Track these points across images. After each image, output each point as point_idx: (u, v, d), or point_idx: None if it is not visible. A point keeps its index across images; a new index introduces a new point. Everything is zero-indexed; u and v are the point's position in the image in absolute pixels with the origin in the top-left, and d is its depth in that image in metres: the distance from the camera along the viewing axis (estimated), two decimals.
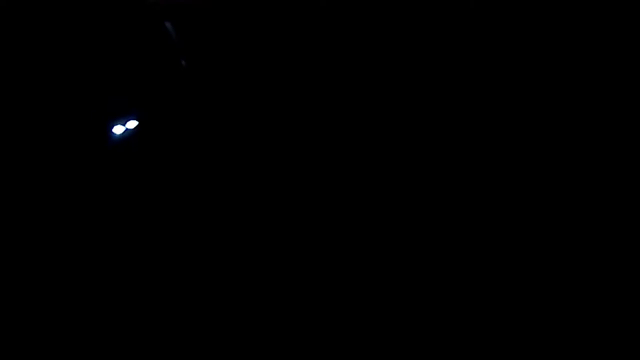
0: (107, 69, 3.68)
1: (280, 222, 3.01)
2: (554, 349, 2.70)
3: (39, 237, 3.01)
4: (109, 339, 2.63)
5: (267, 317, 2.72)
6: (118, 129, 3.26)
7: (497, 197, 3.21)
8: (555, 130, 3.41)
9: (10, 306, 2.74)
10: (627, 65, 3.47)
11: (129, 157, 3.24)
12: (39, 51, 3.42)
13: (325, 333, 2.71)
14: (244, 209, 3.04)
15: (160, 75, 3.50)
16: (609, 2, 3.54)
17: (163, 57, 3.53)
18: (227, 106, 3.47)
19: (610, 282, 2.95)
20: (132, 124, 3.29)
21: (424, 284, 2.92)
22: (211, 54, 3.67)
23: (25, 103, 3.33)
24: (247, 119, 3.42)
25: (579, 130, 3.41)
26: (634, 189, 3.28)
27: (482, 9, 3.56)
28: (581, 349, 2.70)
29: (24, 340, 2.57)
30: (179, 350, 2.61)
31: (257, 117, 3.42)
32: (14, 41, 3.59)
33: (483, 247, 3.02)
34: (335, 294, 2.84)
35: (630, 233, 3.13)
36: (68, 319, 2.70)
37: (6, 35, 3.60)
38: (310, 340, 2.68)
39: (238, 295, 2.77)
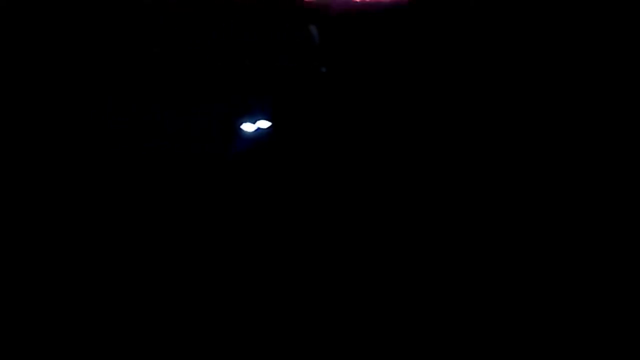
0: (245, 66, 3.68)
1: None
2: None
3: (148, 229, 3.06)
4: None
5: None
6: (248, 127, 3.24)
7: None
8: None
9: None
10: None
11: (255, 155, 3.21)
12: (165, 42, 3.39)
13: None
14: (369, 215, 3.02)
15: (299, 79, 3.48)
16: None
17: (303, 60, 3.51)
18: (361, 118, 3.41)
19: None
20: (263, 123, 3.26)
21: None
22: (353, 64, 3.61)
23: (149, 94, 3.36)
24: (381, 132, 3.36)
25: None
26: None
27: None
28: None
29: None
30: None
31: (389, 130, 3.36)
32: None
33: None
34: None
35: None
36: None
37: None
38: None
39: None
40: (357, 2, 3.89)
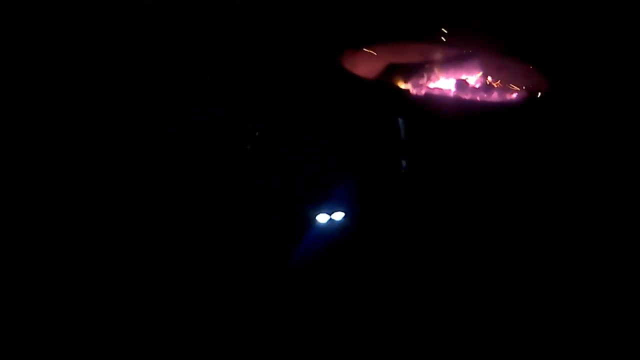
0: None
1: None
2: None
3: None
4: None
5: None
6: (322, 218, 3.14)
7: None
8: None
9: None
10: None
11: (326, 247, 3.06)
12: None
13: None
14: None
15: (379, 172, 3.35)
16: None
17: (386, 154, 3.38)
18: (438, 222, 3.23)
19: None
20: (338, 215, 3.15)
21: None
22: (436, 164, 3.44)
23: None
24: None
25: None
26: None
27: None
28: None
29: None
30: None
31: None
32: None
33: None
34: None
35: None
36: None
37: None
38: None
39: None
40: (466, 99, 3.80)
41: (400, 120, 3.38)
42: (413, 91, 3.85)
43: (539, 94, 3.83)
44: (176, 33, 3.87)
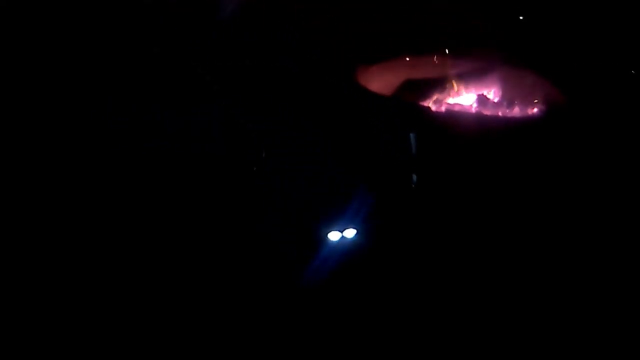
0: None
1: None
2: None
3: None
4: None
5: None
6: (334, 236, 3.12)
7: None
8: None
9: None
10: None
11: (337, 265, 3.02)
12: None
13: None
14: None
15: (390, 190, 3.33)
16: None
17: (397, 170, 3.38)
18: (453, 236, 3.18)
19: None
20: (349, 232, 3.13)
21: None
22: (449, 178, 3.40)
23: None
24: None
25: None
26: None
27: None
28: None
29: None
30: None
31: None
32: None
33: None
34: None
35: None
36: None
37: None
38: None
39: None
40: (487, 115, 3.74)
41: (412, 135, 3.36)
42: (433, 107, 3.81)
43: (558, 107, 3.77)
44: (176, 33, 3.87)
